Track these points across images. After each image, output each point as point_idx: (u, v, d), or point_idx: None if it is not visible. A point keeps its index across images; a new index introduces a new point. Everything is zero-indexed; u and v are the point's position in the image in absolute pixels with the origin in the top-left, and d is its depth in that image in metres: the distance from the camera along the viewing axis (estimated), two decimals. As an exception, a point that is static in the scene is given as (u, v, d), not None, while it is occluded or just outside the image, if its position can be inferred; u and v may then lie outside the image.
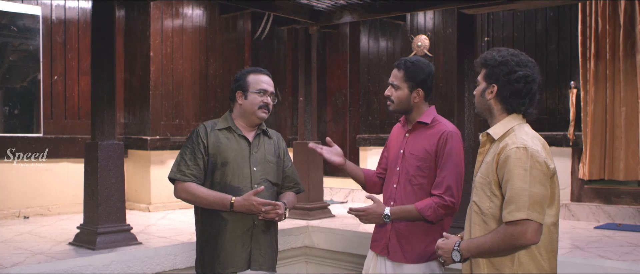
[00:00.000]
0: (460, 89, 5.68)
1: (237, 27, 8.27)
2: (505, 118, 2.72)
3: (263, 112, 3.51)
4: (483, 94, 2.76)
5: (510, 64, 2.67)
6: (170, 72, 7.46)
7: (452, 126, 3.50)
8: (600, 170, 6.46)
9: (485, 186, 2.66)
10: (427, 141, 3.46)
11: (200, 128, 3.51)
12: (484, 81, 2.75)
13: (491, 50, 2.77)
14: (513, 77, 2.66)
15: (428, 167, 3.44)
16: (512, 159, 2.54)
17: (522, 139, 2.58)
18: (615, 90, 6.36)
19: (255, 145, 3.52)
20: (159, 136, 7.29)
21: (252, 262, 3.44)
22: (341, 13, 6.61)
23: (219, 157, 3.43)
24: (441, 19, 7.87)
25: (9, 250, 4.72)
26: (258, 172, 3.47)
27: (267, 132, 3.65)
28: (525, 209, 2.48)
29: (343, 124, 9.01)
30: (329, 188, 8.50)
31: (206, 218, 3.49)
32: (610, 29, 6.37)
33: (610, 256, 4.66)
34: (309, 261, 6.10)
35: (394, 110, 3.55)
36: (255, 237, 3.44)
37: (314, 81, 6.88)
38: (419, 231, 3.44)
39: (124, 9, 7.51)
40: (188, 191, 3.43)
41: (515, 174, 2.52)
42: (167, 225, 6.09)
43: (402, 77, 3.49)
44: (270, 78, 3.60)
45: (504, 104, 2.71)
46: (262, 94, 3.50)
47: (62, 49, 6.93)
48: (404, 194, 3.49)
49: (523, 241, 2.51)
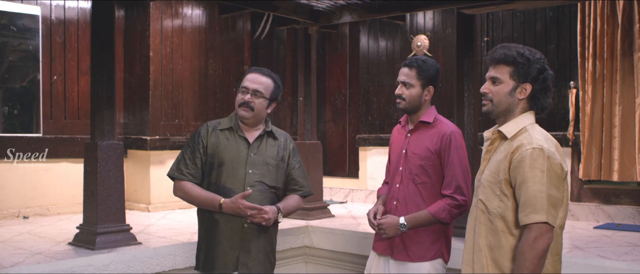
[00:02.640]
0: (460, 89, 5.68)
1: (236, 27, 8.27)
2: (520, 116, 2.64)
3: (242, 111, 3.44)
4: (512, 94, 2.63)
5: (541, 62, 2.60)
6: (169, 72, 7.46)
7: (453, 125, 3.54)
8: (597, 170, 6.45)
9: (494, 184, 2.59)
10: (429, 140, 3.48)
11: (203, 128, 3.52)
12: (512, 79, 2.62)
13: (507, 47, 2.65)
14: (547, 76, 2.61)
15: (431, 166, 3.46)
16: (529, 160, 2.47)
17: (537, 139, 2.52)
18: (613, 89, 6.36)
19: (254, 147, 3.48)
20: (159, 136, 7.29)
21: (240, 265, 3.42)
22: (341, 13, 6.61)
23: (216, 158, 3.43)
24: (441, 19, 7.87)
25: (8, 250, 4.72)
26: (253, 174, 3.43)
27: (273, 133, 3.58)
28: (543, 212, 2.42)
29: (342, 124, 9.01)
30: (329, 188, 8.51)
31: (202, 217, 3.53)
32: (609, 29, 6.38)
33: (610, 256, 4.66)
34: (308, 261, 6.10)
35: (405, 108, 3.55)
36: (245, 240, 3.42)
37: (313, 81, 6.88)
38: (422, 230, 3.46)
39: (124, 9, 7.51)
40: (183, 189, 3.45)
41: (531, 176, 2.45)
42: (167, 225, 6.09)
43: (415, 75, 3.50)
44: (259, 75, 3.50)
45: (532, 103, 2.63)
46: (243, 91, 3.45)
47: (62, 49, 6.93)
48: (407, 194, 3.51)
49: (542, 245, 2.43)
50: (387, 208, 3.62)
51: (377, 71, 8.44)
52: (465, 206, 3.41)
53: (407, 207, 3.50)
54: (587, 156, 6.48)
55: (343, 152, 8.98)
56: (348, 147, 8.90)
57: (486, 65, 2.76)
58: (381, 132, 8.30)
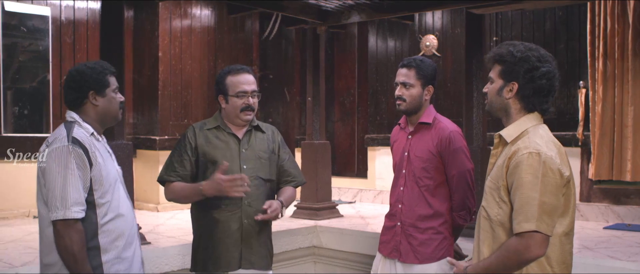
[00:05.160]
0: (469, 89, 5.67)
1: (245, 27, 8.29)
2: (521, 118, 2.53)
3: (247, 115, 3.41)
4: (500, 93, 2.55)
5: (531, 60, 2.48)
6: (178, 72, 7.47)
7: (452, 125, 3.52)
8: (608, 170, 6.43)
9: (494, 191, 2.51)
10: (430, 142, 3.48)
11: (189, 130, 3.47)
12: (500, 78, 2.54)
13: (505, 45, 2.57)
14: (536, 74, 2.47)
15: (434, 168, 3.46)
16: (524, 165, 2.37)
17: (535, 143, 2.41)
18: (624, 89, 6.33)
19: (245, 142, 3.45)
20: (168, 136, 7.31)
21: (243, 261, 3.39)
22: (349, 13, 6.61)
23: (208, 156, 3.39)
24: (450, 19, 7.86)
25: (18, 249, 4.75)
26: (248, 169, 3.39)
27: (259, 127, 3.54)
28: (533, 220, 2.33)
29: (351, 124, 9.01)
30: (337, 188, 8.50)
31: (199, 217, 3.47)
32: (619, 29, 6.35)
33: (620, 256, 4.65)
34: (317, 261, 6.11)
35: (406, 109, 3.54)
36: (246, 236, 3.39)
37: (322, 81, 6.89)
38: (429, 232, 3.46)
39: (133, 10, 7.53)
40: (171, 190, 3.40)
41: (525, 182, 2.35)
42: (176, 225, 6.11)
43: (415, 75, 3.49)
44: (249, 74, 3.45)
45: (524, 103, 2.52)
46: (242, 95, 3.39)
47: (71, 49, 6.96)
48: (411, 196, 3.51)
49: (528, 255, 2.36)
50: (392, 211, 3.62)
51: (386, 71, 8.43)
52: (474, 211, 3.48)
53: (412, 210, 3.50)
54: (598, 156, 6.45)
55: (351, 152, 8.98)
56: (356, 147, 8.90)
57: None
58: (390, 132, 8.25)
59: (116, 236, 2.83)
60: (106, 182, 2.80)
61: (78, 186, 2.68)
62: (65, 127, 2.78)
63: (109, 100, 2.90)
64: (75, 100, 2.86)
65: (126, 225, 2.90)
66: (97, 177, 2.76)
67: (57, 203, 2.65)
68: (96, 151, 2.79)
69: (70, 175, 2.67)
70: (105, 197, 2.80)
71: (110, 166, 2.88)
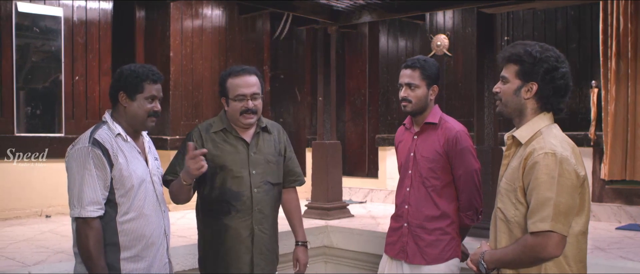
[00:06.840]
0: (480, 89, 5.65)
1: (256, 28, 8.30)
2: (534, 118, 2.52)
3: (247, 118, 3.32)
4: (517, 93, 2.52)
5: (550, 61, 2.47)
6: (190, 72, 7.50)
7: (458, 125, 3.51)
8: (621, 170, 6.38)
9: (510, 192, 2.51)
10: (437, 142, 3.47)
11: (194, 132, 3.42)
12: (517, 78, 2.52)
13: (519, 45, 2.55)
14: (556, 75, 2.47)
15: (440, 168, 3.45)
16: (540, 165, 2.37)
17: (551, 143, 2.40)
18: (637, 89, 6.29)
19: (253, 146, 3.39)
20: (179, 135, 7.33)
21: (255, 266, 3.38)
22: (360, 13, 6.61)
23: (217, 161, 3.32)
24: (461, 19, 7.84)
25: (31, 249, 4.78)
26: (257, 175, 3.36)
27: (266, 128, 3.47)
28: (549, 220, 2.33)
29: (362, 124, 9.00)
30: (348, 188, 8.50)
31: (207, 222, 3.44)
32: (632, 28, 6.30)
33: (632, 257, 4.62)
34: (328, 261, 6.11)
35: (412, 110, 3.53)
36: (257, 241, 3.37)
37: (333, 81, 6.89)
38: (436, 233, 3.45)
39: (144, 10, 7.55)
40: (170, 190, 3.36)
41: (541, 182, 2.36)
42: (186, 224, 6.12)
43: (419, 76, 3.48)
44: (250, 76, 3.34)
45: (542, 103, 2.51)
46: (241, 99, 3.30)
47: (84, 49, 7.00)
48: (418, 197, 3.50)
49: (544, 254, 2.37)
50: (398, 212, 3.61)
51: (397, 71, 8.31)
52: (481, 211, 3.50)
53: (419, 211, 3.49)
54: (611, 156, 6.41)
55: (362, 152, 8.97)
56: (367, 147, 8.89)
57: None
58: (400, 132, 8.27)
59: (137, 236, 2.94)
60: (128, 182, 2.91)
61: (95, 185, 2.82)
62: (93, 128, 2.98)
63: (139, 106, 2.99)
64: (111, 97, 3.05)
65: (149, 226, 2.99)
66: (118, 177, 2.88)
67: (74, 202, 2.85)
68: (119, 152, 2.90)
69: (88, 175, 2.82)
70: (127, 196, 2.91)
71: (135, 167, 2.96)
